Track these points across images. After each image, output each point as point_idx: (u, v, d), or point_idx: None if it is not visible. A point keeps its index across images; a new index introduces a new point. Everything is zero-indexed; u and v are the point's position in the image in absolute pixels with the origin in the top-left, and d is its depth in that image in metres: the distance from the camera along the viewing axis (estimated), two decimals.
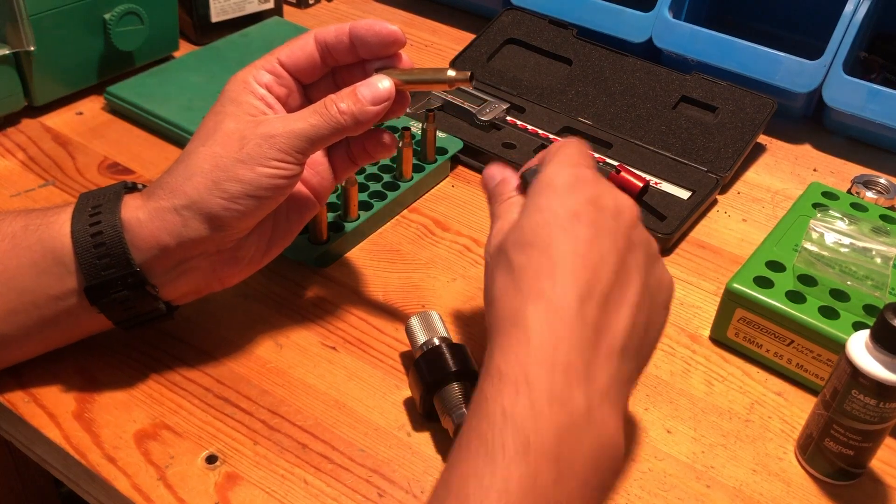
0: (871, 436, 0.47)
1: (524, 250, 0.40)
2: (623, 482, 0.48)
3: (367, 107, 0.47)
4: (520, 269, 0.39)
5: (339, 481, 0.47)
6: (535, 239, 0.40)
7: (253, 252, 0.51)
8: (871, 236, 0.58)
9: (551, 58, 0.84)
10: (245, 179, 0.46)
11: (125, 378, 0.52)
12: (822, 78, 0.77)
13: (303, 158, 0.47)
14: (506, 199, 0.46)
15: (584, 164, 0.43)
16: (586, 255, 0.39)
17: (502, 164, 0.49)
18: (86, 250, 0.46)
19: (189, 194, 0.46)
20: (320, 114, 0.47)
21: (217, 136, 0.47)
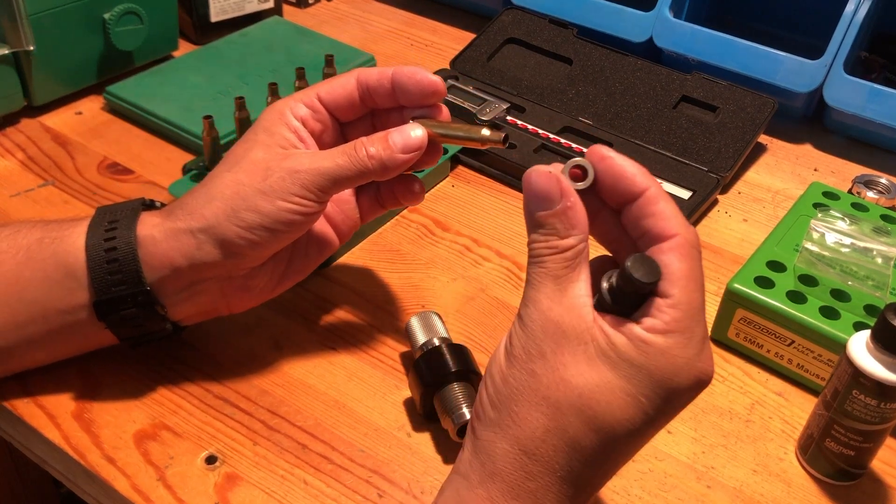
0: (872, 436, 0.47)
1: (595, 431, 0.34)
2: (623, 482, 0.48)
3: (396, 154, 0.46)
4: (584, 448, 0.34)
5: (338, 482, 0.47)
6: (612, 431, 0.34)
7: (265, 282, 0.50)
8: (871, 236, 0.58)
9: (551, 57, 0.84)
10: (264, 211, 0.45)
11: (125, 378, 0.52)
12: (822, 78, 0.77)
13: (325, 197, 0.47)
14: (553, 252, 0.35)
15: (709, 345, 0.36)
16: (621, 449, 0.35)
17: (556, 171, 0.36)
18: (98, 265, 0.46)
19: (207, 218, 0.46)
20: (349, 155, 0.46)
21: (243, 163, 0.47)
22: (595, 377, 0.34)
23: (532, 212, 0.36)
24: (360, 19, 0.98)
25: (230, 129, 0.69)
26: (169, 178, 0.66)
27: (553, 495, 0.34)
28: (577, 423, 0.34)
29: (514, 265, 0.63)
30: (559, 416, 0.34)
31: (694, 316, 0.34)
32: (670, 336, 0.34)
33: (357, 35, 0.94)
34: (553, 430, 0.34)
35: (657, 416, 0.34)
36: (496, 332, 0.57)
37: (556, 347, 0.34)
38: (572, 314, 0.34)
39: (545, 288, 0.35)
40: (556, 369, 0.34)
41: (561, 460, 0.34)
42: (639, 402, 0.34)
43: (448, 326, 0.54)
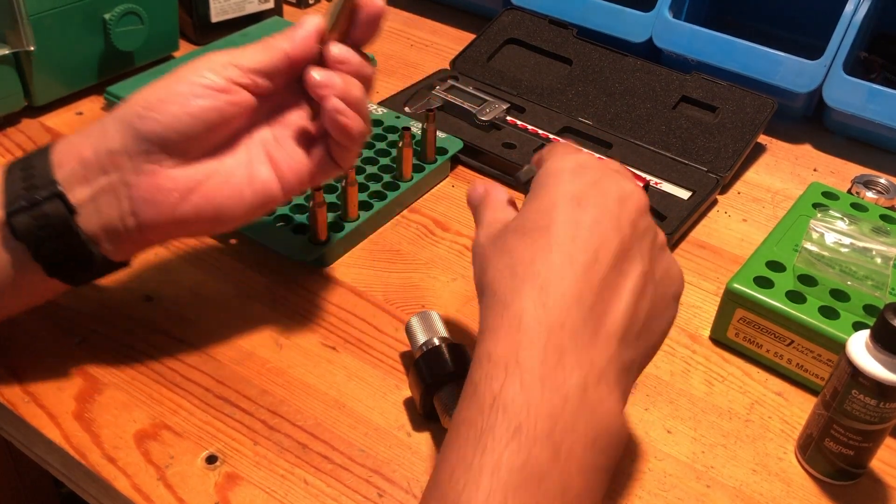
0: (872, 436, 0.47)
1: (523, 237, 0.39)
2: (623, 482, 0.48)
3: (297, 32, 0.47)
4: (517, 254, 0.38)
5: (339, 481, 0.47)
6: (534, 225, 0.39)
7: (174, 190, 0.46)
8: (871, 236, 0.58)
9: (551, 58, 0.84)
10: (180, 92, 0.45)
11: (125, 378, 0.52)
12: (822, 78, 0.77)
13: (239, 76, 0.46)
14: (494, 201, 0.46)
15: (582, 151, 0.43)
16: (587, 239, 0.38)
17: (486, 183, 0.49)
18: (13, 176, 0.46)
19: (120, 108, 0.46)
20: (256, 43, 0.48)
21: (160, 79, 0.47)
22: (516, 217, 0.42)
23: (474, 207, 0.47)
24: None
25: None
26: None
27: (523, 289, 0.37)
28: (510, 239, 0.40)
29: None
30: (500, 245, 0.41)
31: (560, 156, 0.43)
32: (542, 164, 0.43)
33: None
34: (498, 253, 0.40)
35: (560, 196, 0.40)
36: None
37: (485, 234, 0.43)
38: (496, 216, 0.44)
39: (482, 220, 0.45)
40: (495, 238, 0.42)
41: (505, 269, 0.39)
42: (541, 197, 0.41)
43: (448, 326, 0.54)
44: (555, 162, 0.42)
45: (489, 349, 0.36)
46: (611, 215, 0.39)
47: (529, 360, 0.35)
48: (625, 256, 0.39)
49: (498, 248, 0.40)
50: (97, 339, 0.55)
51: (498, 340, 0.36)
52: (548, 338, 0.35)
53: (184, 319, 0.56)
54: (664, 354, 0.57)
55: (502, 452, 0.33)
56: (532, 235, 0.39)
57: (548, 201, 0.40)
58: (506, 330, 0.36)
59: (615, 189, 0.40)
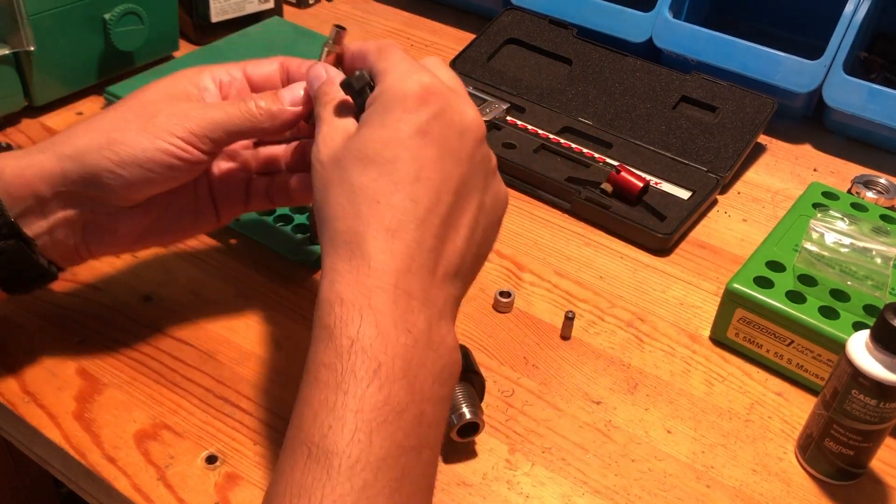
0: (872, 436, 0.47)
1: (365, 169, 0.38)
2: (623, 482, 0.48)
3: (284, 107, 0.47)
4: (360, 190, 0.38)
5: None
6: (378, 157, 0.38)
7: (129, 230, 0.49)
8: (871, 236, 0.58)
9: (551, 58, 0.84)
10: (140, 147, 0.45)
11: (125, 378, 0.52)
12: (822, 78, 0.77)
13: (209, 147, 0.46)
14: (331, 99, 0.43)
15: (425, 69, 0.41)
16: (429, 178, 0.38)
17: (326, 64, 0.46)
18: None
19: (78, 146, 0.45)
20: (238, 107, 0.47)
21: (131, 102, 0.47)
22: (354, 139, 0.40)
23: (312, 94, 0.46)
24: (360, 19, 0.98)
25: None
26: None
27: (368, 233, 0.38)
28: (352, 170, 0.39)
29: (514, 265, 0.63)
30: (341, 175, 0.39)
31: (394, 64, 0.41)
32: (384, 81, 0.41)
33: (357, 35, 0.94)
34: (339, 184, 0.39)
35: (403, 125, 0.39)
36: (496, 332, 0.57)
37: (323, 152, 0.41)
38: (332, 127, 0.42)
39: (320, 128, 0.43)
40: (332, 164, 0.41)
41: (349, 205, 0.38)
42: (386, 124, 0.39)
43: None
44: (398, 81, 0.40)
45: (340, 293, 0.36)
46: (453, 150, 0.40)
47: (382, 304, 0.36)
48: (464, 192, 0.40)
49: (339, 175, 0.39)
50: (97, 339, 0.55)
51: (348, 284, 0.37)
52: (396, 283, 0.37)
53: (184, 319, 0.56)
54: (664, 354, 0.57)
55: (364, 392, 0.34)
56: (376, 168, 0.38)
57: (392, 131, 0.39)
58: (355, 274, 0.37)
59: (458, 120, 0.40)
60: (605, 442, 0.51)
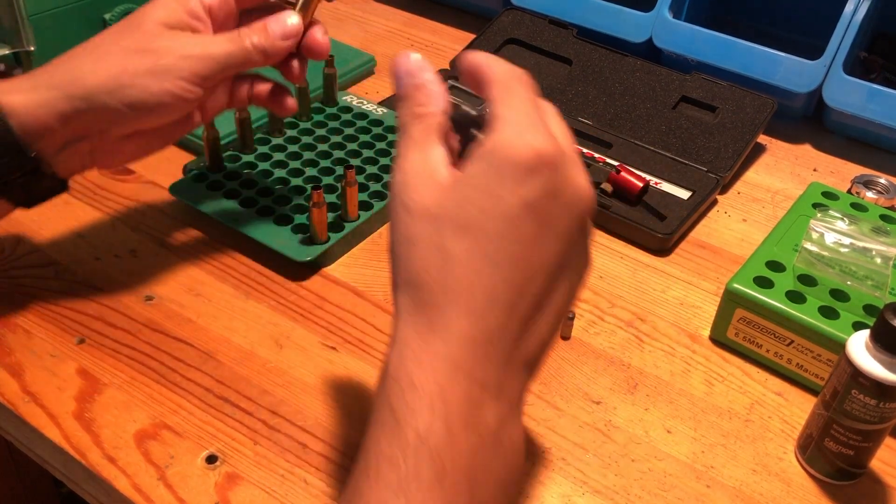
0: (871, 436, 0.47)
1: (461, 237, 0.35)
2: (623, 482, 0.48)
3: (276, 41, 0.50)
4: (451, 258, 0.35)
5: (339, 481, 0.47)
6: (476, 227, 0.35)
7: (133, 148, 0.53)
8: (871, 236, 0.58)
9: (551, 58, 0.84)
10: (149, 91, 0.48)
11: (125, 378, 0.52)
12: (822, 78, 0.77)
13: (210, 83, 0.50)
14: (429, 121, 0.38)
15: (545, 123, 0.37)
16: (528, 259, 0.35)
17: (421, 57, 0.40)
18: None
19: (87, 87, 0.47)
20: (235, 44, 0.50)
21: (134, 35, 0.48)
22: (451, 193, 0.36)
23: (399, 87, 0.40)
24: (360, 19, 0.98)
25: (230, 130, 0.69)
26: (169, 178, 0.66)
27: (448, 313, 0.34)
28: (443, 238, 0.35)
29: None
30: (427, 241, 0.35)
31: (519, 113, 0.37)
32: (493, 132, 0.36)
33: (357, 35, 0.94)
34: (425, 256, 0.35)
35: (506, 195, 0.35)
36: None
37: (418, 192, 0.36)
38: (427, 166, 0.37)
39: (409, 152, 0.38)
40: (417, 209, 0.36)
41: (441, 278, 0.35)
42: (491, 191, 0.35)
43: None
44: (513, 139, 0.36)
45: (411, 373, 0.34)
46: (557, 227, 0.36)
47: (454, 398, 0.33)
48: (559, 273, 0.37)
49: (430, 234, 0.35)
50: (97, 339, 0.55)
51: (421, 364, 0.34)
52: (472, 371, 0.34)
53: (184, 319, 0.56)
54: (664, 354, 0.57)
55: (425, 499, 0.32)
56: (473, 239, 0.35)
57: (497, 202, 0.35)
58: (430, 356, 0.34)
59: (568, 193, 0.36)
60: (605, 442, 0.51)
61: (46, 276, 0.59)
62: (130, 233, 0.63)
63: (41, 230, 0.63)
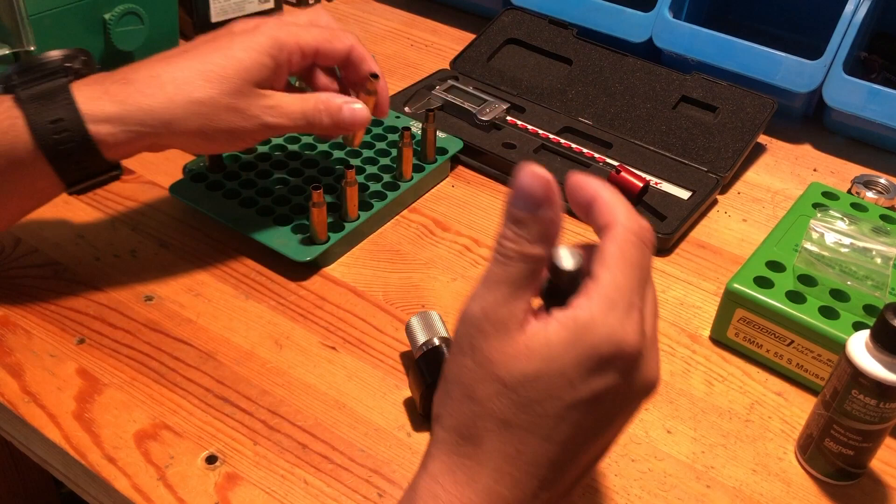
0: (872, 436, 0.47)
1: (521, 411, 0.34)
2: (623, 482, 0.48)
3: (343, 123, 0.57)
4: (508, 429, 0.34)
5: (339, 481, 0.47)
6: (540, 406, 0.34)
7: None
8: (871, 236, 0.58)
9: (551, 58, 0.84)
10: (231, 128, 0.53)
11: (125, 378, 0.52)
12: (822, 78, 0.77)
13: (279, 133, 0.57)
14: (532, 262, 0.35)
15: (642, 306, 0.35)
16: (578, 442, 0.35)
17: (552, 180, 0.34)
18: (61, 160, 0.51)
19: (175, 133, 0.52)
20: (308, 111, 0.56)
21: (225, 87, 0.52)
22: (523, 363, 0.34)
23: (515, 206, 0.34)
24: (360, 19, 0.98)
25: None
26: (169, 178, 0.66)
27: (488, 472, 0.35)
28: (504, 406, 0.34)
29: None
30: (486, 403, 0.35)
31: (618, 288, 0.35)
32: (590, 307, 0.34)
33: (357, 35, 0.94)
34: (482, 416, 0.35)
35: (579, 384, 0.34)
36: None
37: (489, 343, 0.35)
38: (513, 318, 0.35)
39: (498, 291, 0.35)
40: (485, 364, 0.35)
41: (493, 440, 0.35)
42: (565, 374, 0.34)
43: (448, 326, 0.54)
44: (601, 320, 0.34)
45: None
46: (611, 417, 0.36)
47: None
48: (603, 447, 0.37)
49: (491, 397, 0.34)
50: (97, 339, 0.55)
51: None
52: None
53: (184, 319, 0.56)
54: (664, 354, 0.57)
55: None
56: (534, 415, 0.34)
57: (568, 389, 0.34)
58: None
59: (638, 387, 0.36)
60: None
61: (46, 276, 0.59)
62: (130, 233, 0.63)
63: (41, 230, 0.63)
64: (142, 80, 0.51)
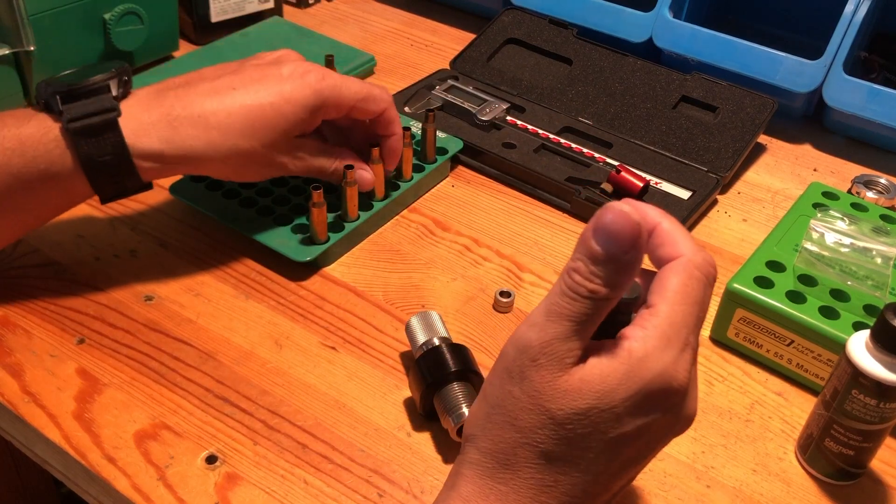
0: (872, 436, 0.47)
1: (564, 445, 0.34)
2: None
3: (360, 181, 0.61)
4: (548, 460, 0.35)
5: (339, 481, 0.47)
6: (584, 441, 0.34)
7: None
8: (871, 236, 0.58)
9: (551, 58, 0.84)
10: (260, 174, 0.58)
11: (125, 378, 0.52)
12: (822, 78, 0.77)
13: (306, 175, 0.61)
14: (602, 306, 0.34)
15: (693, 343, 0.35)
16: (614, 473, 0.35)
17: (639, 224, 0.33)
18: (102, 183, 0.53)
19: (205, 164, 0.55)
20: (326, 174, 0.60)
21: (267, 137, 0.55)
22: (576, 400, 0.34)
23: (598, 243, 0.33)
24: (360, 19, 0.98)
25: None
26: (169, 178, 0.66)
27: (522, 500, 0.35)
28: (548, 438, 0.34)
29: (514, 265, 0.63)
30: (529, 434, 0.35)
31: (674, 325, 0.34)
32: (645, 341, 0.34)
33: (357, 35, 0.94)
34: (524, 445, 0.35)
35: (626, 419, 0.34)
36: (496, 332, 0.57)
37: (541, 375, 0.34)
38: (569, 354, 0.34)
39: (560, 325, 0.34)
40: (535, 396, 0.34)
41: (531, 469, 0.35)
42: (614, 410, 0.34)
43: (448, 326, 0.54)
44: (659, 359, 0.34)
45: None
46: (652, 448, 0.37)
47: None
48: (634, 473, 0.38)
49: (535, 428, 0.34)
50: (97, 339, 0.55)
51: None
52: None
53: (184, 319, 0.56)
54: None
55: None
56: (577, 448, 0.34)
57: (615, 424, 0.34)
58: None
59: (679, 423, 0.36)
60: None
61: (46, 276, 0.59)
62: (130, 233, 0.63)
63: (41, 230, 0.63)
64: (189, 120, 0.53)
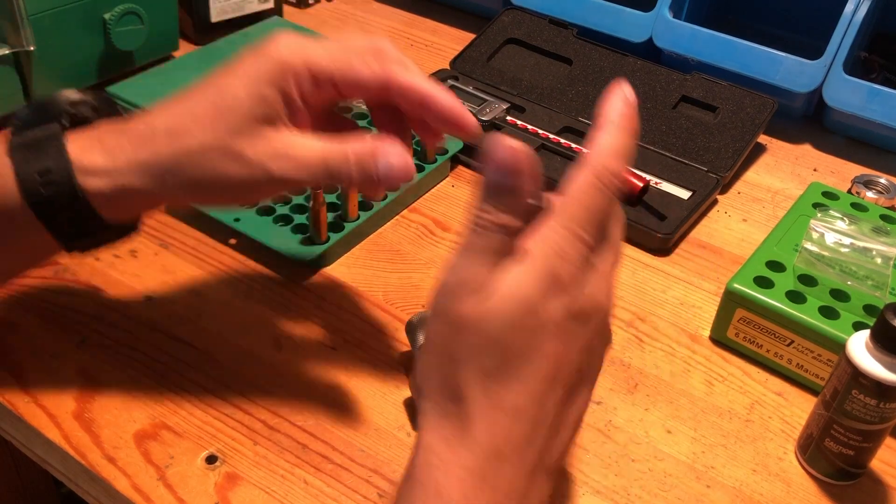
0: (872, 436, 0.47)
1: (499, 351, 0.34)
2: (623, 482, 0.48)
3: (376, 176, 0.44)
4: (488, 378, 0.34)
5: (339, 481, 0.47)
6: (512, 342, 0.34)
7: None
8: (871, 236, 0.58)
9: (551, 58, 0.84)
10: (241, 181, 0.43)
11: (125, 378, 0.52)
12: (822, 78, 0.77)
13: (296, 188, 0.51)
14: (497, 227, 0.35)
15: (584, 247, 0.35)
16: (553, 376, 0.35)
17: (523, 149, 0.34)
18: (50, 215, 0.44)
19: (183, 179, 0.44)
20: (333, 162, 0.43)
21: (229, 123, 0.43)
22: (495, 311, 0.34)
23: (492, 177, 0.34)
24: (360, 19, 0.98)
25: None
26: None
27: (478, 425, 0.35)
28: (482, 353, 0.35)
29: None
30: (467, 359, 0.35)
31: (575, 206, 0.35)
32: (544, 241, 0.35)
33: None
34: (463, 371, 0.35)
35: (542, 311, 0.35)
36: None
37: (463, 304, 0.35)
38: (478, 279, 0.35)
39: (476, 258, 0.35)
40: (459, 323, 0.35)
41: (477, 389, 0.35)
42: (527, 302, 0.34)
43: None
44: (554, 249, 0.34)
45: (438, 482, 0.34)
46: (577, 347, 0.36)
47: None
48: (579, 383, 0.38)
49: (471, 354, 0.35)
50: (97, 339, 0.55)
51: (449, 475, 0.34)
52: (498, 485, 0.35)
53: (184, 319, 0.56)
54: (664, 354, 0.57)
55: None
56: (504, 362, 0.34)
57: (529, 320, 0.34)
58: (459, 468, 0.34)
59: (589, 310, 0.36)
60: (605, 442, 0.51)
61: (46, 276, 0.59)
62: None
63: None
64: (135, 131, 0.44)
